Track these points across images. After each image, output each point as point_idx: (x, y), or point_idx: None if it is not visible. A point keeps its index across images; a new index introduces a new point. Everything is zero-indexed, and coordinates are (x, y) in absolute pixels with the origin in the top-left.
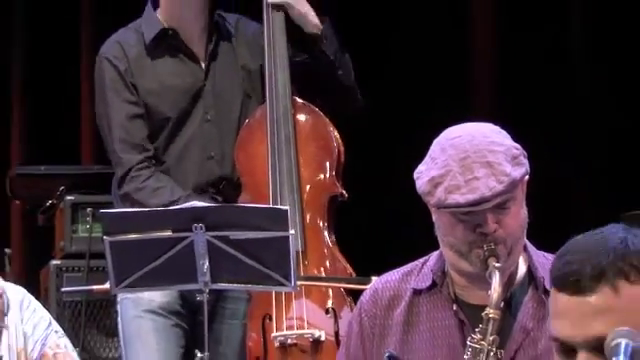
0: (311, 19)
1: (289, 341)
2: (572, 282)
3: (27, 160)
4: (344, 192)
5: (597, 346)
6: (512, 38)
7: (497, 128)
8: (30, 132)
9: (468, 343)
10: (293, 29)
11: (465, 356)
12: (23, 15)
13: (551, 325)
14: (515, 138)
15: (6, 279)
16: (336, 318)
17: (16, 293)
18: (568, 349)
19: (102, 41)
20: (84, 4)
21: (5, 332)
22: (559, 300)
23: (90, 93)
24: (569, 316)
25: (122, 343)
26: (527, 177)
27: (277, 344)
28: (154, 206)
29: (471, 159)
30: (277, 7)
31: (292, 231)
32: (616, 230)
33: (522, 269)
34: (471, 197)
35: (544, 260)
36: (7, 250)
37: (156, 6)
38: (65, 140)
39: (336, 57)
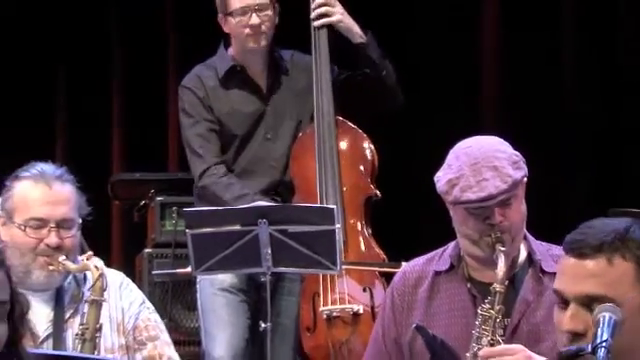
0: (356, 31)
1: (334, 314)
2: (576, 248)
3: (125, 168)
4: (378, 193)
5: (585, 302)
6: (518, 63)
7: (501, 140)
8: (127, 145)
9: (479, 312)
10: (342, 42)
11: (476, 322)
12: (120, 53)
13: (555, 280)
14: (515, 146)
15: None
16: (372, 295)
17: (116, 276)
18: (563, 301)
19: (184, 74)
20: (171, 43)
21: (105, 305)
22: (564, 261)
23: (175, 114)
24: (568, 274)
25: (200, 315)
26: (525, 179)
27: (324, 316)
28: (227, 198)
29: (480, 164)
30: (324, 27)
31: (337, 225)
32: (625, 221)
33: (523, 254)
34: (481, 195)
35: (541, 247)
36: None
37: (227, 46)
38: (155, 152)
39: (380, 61)
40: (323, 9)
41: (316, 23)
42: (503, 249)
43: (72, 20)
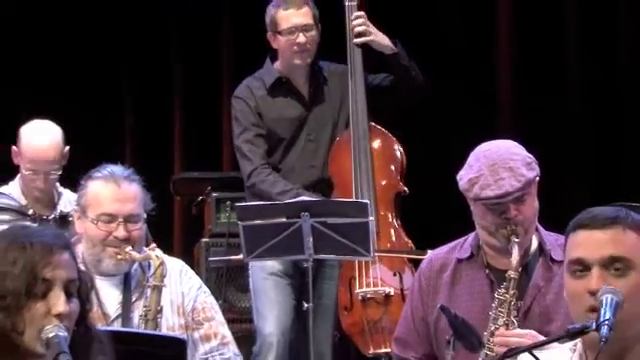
0: (387, 44)
1: (368, 295)
2: (593, 221)
3: (185, 168)
4: (406, 189)
5: (607, 264)
6: (529, 73)
7: (515, 143)
8: (186, 148)
9: (495, 296)
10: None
11: (493, 305)
12: (180, 68)
13: (571, 254)
14: (528, 148)
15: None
16: (401, 279)
17: (177, 263)
18: (585, 267)
19: (235, 85)
20: (225, 57)
21: (166, 290)
22: (579, 235)
23: (227, 120)
24: (588, 243)
25: (252, 296)
26: (538, 178)
27: (359, 298)
28: (273, 193)
29: (498, 165)
30: (359, 45)
31: (371, 218)
32: (618, 207)
33: (534, 244)
34: (498, 192)
35: (551, 238)
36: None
37: (273, 59)
38: (211, 153)
39: (409, 64)
40: (361, 28)
41: (354, 41)
42: (517, 240)
43: (139, 37)
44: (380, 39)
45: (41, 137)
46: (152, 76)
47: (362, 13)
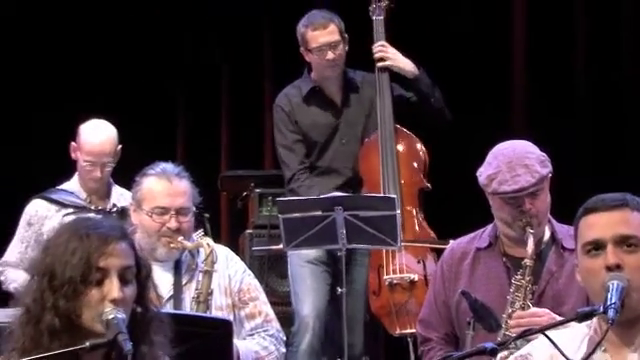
0: (409, 69)
1: (394, 281)
2: (603, 204)
3: (230, 167)
4: (429, 185)
5: (619, 241)
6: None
7: (530, 143)
8: (232, 148)
9: (512, 281)
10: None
11: (510, 290)
12: (227, 80)
13: (585, 236)
14: (542, 147)
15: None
16: (425, 266)
17: (224, 250)
18: (599, 246)
19: (277, 90)
20: (266, 63)
21: (215, 275)
22: (591, 218)
23: (269, 123)
24: (600, 224)
25: (291, 282)
26: (550, 175)
27: (387, 283)
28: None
29: (514, 163)
30: (384, 68)
31: (397, 211)
32: (621, 193)
33: (547, 234)
34: (514, 187)
35: (562, 228)
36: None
37: (310, 71)
38: (254, 153)
39: (429, 90)
40: (379, 55)
41: (377, 64)
42: (532, 231)
43: (189, 40)
44: (401, 64)
45: (99, 132)
46: (201, 82)
47: (383, 42)
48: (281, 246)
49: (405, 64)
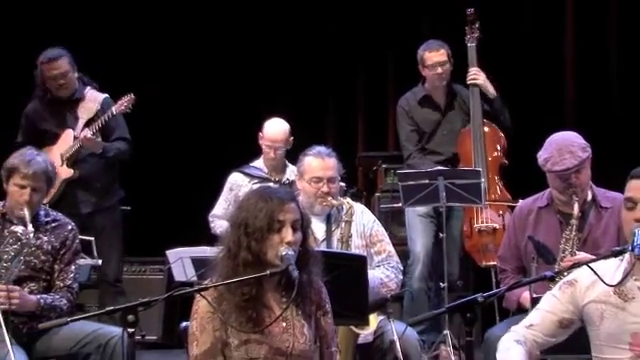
0: (490, 91)
1: (482, 228)
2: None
3: (365, 149)
4: (506, 161)
5: None
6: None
7: (575, 133)
8: (367, 134)
9: (564, 235)
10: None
11: (562, 240)
12: (362, 82)
13: (626, 194)
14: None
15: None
16: (503, 218)
17: (360, 206)
18: (633, 204)
19: (398, 97)
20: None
21: (353, 223)
22: (632, 182)
23: (393, 120)
24: (636, 187)
25: (407, 229)
26: (590, 157)
27: (476, 229)
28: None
29: (563, 149)
30: (475, 85)
31: (482, 180)
32: None
33: (589, 196)
34: (562, 167)
35: (600, 192)
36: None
37: (423, 82)
38: (380, 138)
39: (500, 109)
40: (472, 76)
41: (469, 82)
42: (577, 198)
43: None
44: (486, 86)
45: (277, 125)
46: (342, 85)
47: (477, 68)
48: (400, 204)
49: (489, 87)
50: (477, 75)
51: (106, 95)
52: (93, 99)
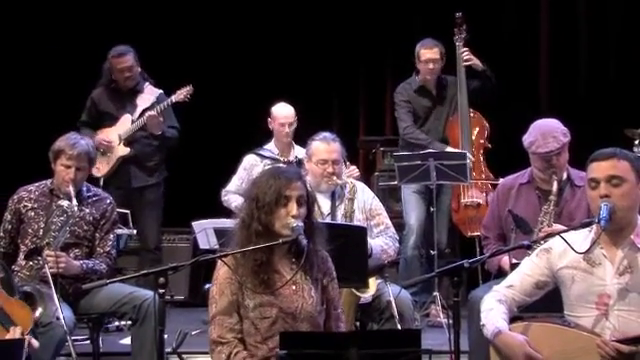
0: (479, 64)
1: (467, 203)
2: (600, 155)
3: (365, 134)
4: (489, 145)
5: (608, 180)
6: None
7: (557, 120)
8: (366, 121)
9: (542, 209)
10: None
11: (540, 214)
12: (365, 78)
13: (589, 175)
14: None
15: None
16: (487, 194)
17: (360, 184)
18: (597, 183)
19: (394, 88)
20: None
21: (355, 200)
22: (593, 164)
23: (390, 109)
24: (598, 168)
25: (403, 203)
26: (568, 141)
27: (463, 204)
28: (420, 140)
29: (546, 134)
30: (470, 61)
31: (468, 161)
32: (613, 147)
33: (565, 176)
34: (545, 149)
35: (575, 172)
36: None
37: (417, 74)
38: (378, 124)
39: (491, 76)
40: (466, 56)
41: (462, 64)
42: (556, 178)
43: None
44: (477, 62)
45: (285, 106)
46: (343, 78)
47: (467, 49)
48: (396, 182)
49: (479, 63)
50: (468, 53)
51: (161, 91)
52: (150, 92)
